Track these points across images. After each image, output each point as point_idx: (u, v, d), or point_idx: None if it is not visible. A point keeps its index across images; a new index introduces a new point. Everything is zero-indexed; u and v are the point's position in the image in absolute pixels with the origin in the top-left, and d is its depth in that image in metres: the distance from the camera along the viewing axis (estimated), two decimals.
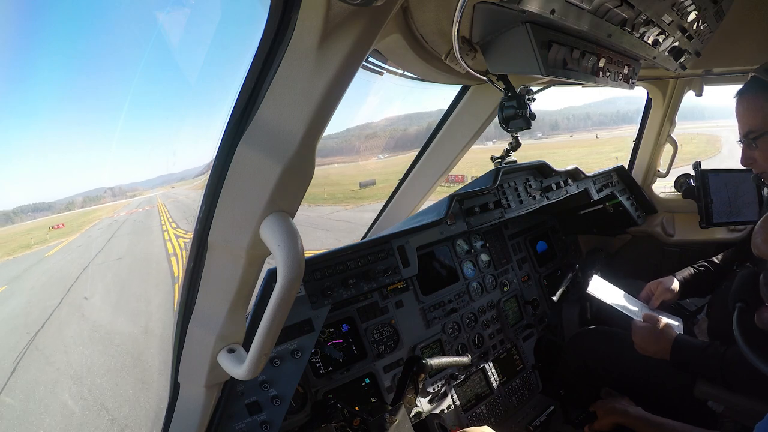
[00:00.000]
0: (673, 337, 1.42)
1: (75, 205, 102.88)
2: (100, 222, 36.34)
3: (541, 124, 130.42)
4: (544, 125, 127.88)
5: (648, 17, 0.90)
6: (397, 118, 44.75)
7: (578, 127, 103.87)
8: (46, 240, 29.05)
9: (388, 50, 1.15)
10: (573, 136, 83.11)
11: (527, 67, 0.89)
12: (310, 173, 0.67)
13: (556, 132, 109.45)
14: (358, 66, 0.60)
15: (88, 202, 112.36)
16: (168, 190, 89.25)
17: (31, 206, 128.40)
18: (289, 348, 1.33)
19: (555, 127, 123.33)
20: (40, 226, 44.82)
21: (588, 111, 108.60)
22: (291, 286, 0.65)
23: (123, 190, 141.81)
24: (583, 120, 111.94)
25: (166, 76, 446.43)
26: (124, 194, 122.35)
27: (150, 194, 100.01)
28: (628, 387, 1.64)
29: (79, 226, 37.68)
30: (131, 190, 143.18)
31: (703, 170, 2.23)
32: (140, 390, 4.96)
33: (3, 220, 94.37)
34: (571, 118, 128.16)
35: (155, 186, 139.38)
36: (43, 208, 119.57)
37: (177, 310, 0.88)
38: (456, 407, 1.80)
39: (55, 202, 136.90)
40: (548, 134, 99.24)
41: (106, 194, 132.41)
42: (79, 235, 28.93)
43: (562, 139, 65.38)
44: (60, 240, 27.45)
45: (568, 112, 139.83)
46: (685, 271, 1.75)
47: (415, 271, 1.65)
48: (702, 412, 1.42)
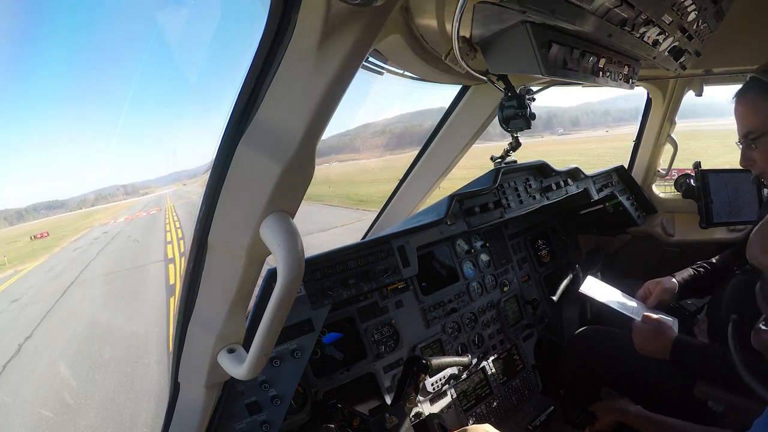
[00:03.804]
0: (673, 338, 1.42)
1: (87, 203, 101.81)
2: (89, 233, 29.37)
3: (561, 120, 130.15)
4: (564, 121, 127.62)
5: (648, 17, 0.90)
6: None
7: (599, 123, 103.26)
8: (4, 264, 21.88)
9: (388, 50, 1.15)
10: (609, 131, 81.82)
11: (527, 67, 0.89)
12: (310, 173, 0.67)
13: (577, 128, 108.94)
14: (358, 66, 0.60)
15: (100, 200, 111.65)
16: (180, 187, 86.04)
17: (44, 204, 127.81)
18: (289, 348, 1.33)
19: (576, 123, 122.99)
20: (26, 232, 38.49)
21: (607, 107, 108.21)
22: (291, 286, 0.65)
23: (136, 187, 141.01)
24: (603, 116, 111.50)
25: (170, 73, 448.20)
26: (137, 191, 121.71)
27: (161, 192, 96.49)
28: (628, 387, 1.64)
29: (63, 236, 31.00)
30: (144, 187, 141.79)
31: (703, 170, 2.23)
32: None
33: (15, 218, 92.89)
34: (591, 114, 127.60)
35: (167, 183, 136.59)
36: (56, 206, 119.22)
37: (177, 310, 0.88)
38: (456, 407, 1.80)
39: (68, 200, 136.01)
40: (570, 130, 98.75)
41: (119, 191, 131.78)
42: (47, 257, 21.04)
43: (597, 133, 62.37)
44: (18, 268, 19.57)
45: (587, 108, 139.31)
46: (685, 272, 1.75)
47: (415, 271, 1.65)
48: (702, 412, 1.42)
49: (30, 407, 5.56)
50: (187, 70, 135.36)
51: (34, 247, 27.32)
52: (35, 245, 28.54)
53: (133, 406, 5.04)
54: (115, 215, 43.73)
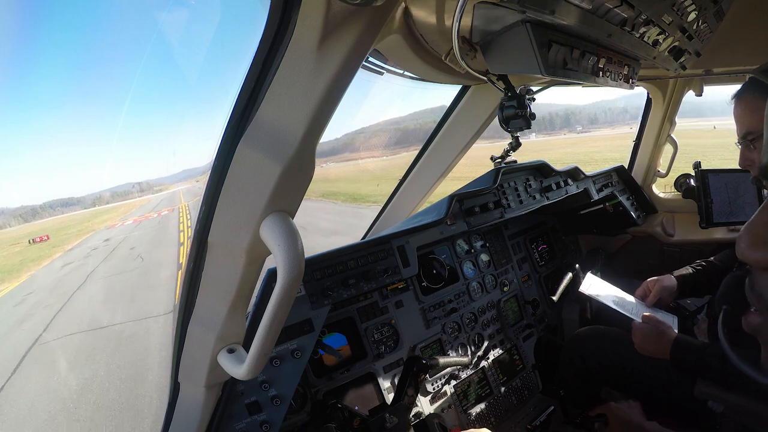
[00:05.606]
0: (674, 338, 1.42)
1: (102, 201, 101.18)
2: (90, 238, 24.13)
3: (579, 118, 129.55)
4: (582, 119, 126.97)
5: (648, 17, 0.90)
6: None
7: (617, 120, 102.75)
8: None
9: (388, 50, 1.15)
10: (633, 128, 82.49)
11: (527, 67, 0.89)
12: (310, 173, 0.67)
13: (596, 125, 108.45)
14: (358, 66, 0.60)
15: (115, 197, 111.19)
16: (193, 184, 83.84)
17: (59, 201, 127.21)
18: (289, 348, 1.33)
19: (594, 120, 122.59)
20: (31, 233, 33.85)
21: (624, 105, 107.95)
22: (291, 286, 0.65)
23: (150, 184, 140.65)
24: (621, 114, 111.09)
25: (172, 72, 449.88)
26: (151, 189, 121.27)
27: (174, 189, 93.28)
28: (628, 387, 1.64)
29: (64, 240, 26.13)
30: (158, 184, 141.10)
31: (703, 170, 2.23)
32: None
33: (30, 215, 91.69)
34: (609, 112, 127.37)
35: (180, 180, 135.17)
36: (72, 203, 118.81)
37: (177, 311, 0.88)
38: (456, 407, 1.80)
39: (84, 197, 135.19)
40: (588, 128, 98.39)
41: (133, 189, 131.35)
42: (27, 278, 15.18)
43: (619, 131, 60.18)
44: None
45: (604, 106, 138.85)
46: (684, 270, 1.75)
47: (415, 271, 1.65)
48: (702, 412, 1.42)
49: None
50: (188, 70, 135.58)
51: (27, 256, 21.87)
52: (30, 252, 23.40)
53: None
54: (124, 216, 38.17)
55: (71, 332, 7.45)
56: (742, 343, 0.57)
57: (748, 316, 0.44)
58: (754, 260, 0.40)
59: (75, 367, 5.87)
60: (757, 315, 0.43)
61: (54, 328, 8.07)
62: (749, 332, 0.44)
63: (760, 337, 0.44)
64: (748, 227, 0.41)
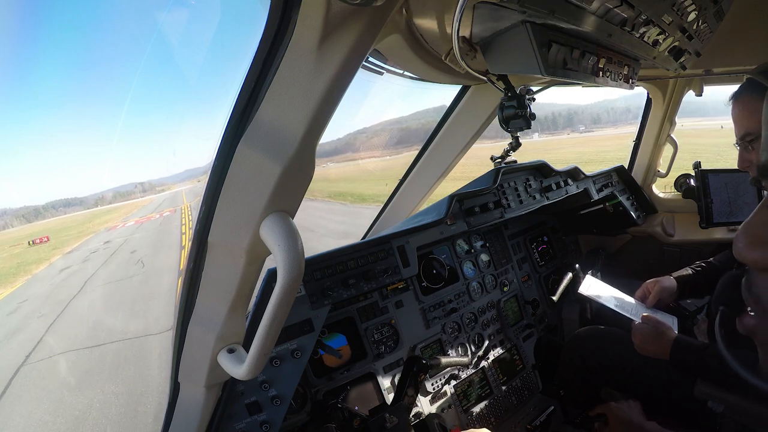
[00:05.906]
0: (673, 338, 1.42)
1: (105, 201, 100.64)
2: (90, 240, 23.62)
3: (582, 117, 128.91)
4: (585, 119, 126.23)
5: (648, 17, 0.90)
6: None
7: (620, 120, 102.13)
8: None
9: (388, 50, 1.15)
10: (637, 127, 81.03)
11: (527, 67, 0.89)
12: (310, 173, 0.67)
13: (599, 125, 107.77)
14: (358, 66, 0.60)
15: (118, 198, 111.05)
16: (195, 184, 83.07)
17: (62, 201, 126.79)
18: (289, 348, 1.33)
19: (597, 120, 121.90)
20: (32, 233, 33.27)
21: (628, 104, 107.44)
22: (291, 286, 0.65)
23: (152, 184, 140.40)
24: (624, 113, 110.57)
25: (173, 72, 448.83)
26: (154, 189, 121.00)
27: (176, 189, 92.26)
28: (628, 387, 1.64)
29: (64, 242, 25.65)
30: (160, 184, 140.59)
31: (703, 170, 2.23)
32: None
33: (33, 215, 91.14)
34: (611, 112, 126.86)
35: (182, 180, 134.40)
36: (74, 203, 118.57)
37: (177, 311, 0.88)
38: (456, 407, 1.80)
39: (87, 197, 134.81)
40: (591, 128, 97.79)
41: (136, 189, 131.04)
42: (23, 282, 14.73)
43: (622, 130, 58.11)
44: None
45: (607, 105, 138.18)
46: (683, 271, 1.75)
47: (415, 271, 1.65)
48: (702, 412, 1.42)
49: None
50: (188, 70, 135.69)
51: (25, 258, 21.27)
52: (29, 255, 22.90)
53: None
54: (125, 217, 37.35)
55: (63, 350, 6.79)
56: (741, 344, 0.57)
57: (743, 318, 0.43)
58: (751, 260, 0.40)
59: (68, 390, 5.22)
60: (752, 317, 0.42)
61: (44, 346, 7.31)
62: (744, 334, 0.44)
63: (755, 339, 0.43)
64: (745, 227, 0.41)
